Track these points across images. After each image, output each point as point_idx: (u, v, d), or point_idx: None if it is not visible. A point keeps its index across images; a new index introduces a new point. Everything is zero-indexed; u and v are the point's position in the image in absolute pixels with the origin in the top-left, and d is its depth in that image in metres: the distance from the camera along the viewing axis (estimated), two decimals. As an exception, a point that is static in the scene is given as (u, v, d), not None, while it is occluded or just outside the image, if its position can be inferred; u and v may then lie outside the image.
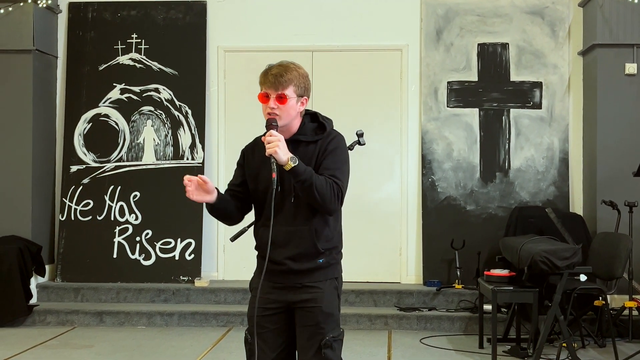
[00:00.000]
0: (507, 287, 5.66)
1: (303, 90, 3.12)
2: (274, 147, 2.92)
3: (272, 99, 3.06)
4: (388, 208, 7.65)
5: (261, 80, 3.11)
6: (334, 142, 3.14)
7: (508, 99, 7.55)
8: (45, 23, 7.57)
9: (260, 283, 3.08)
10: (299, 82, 3.10)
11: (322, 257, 3.12)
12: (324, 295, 3.11)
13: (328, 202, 3.01)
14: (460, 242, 7.28)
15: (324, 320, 3.09)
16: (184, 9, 7.78)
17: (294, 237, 3.06)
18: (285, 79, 3.06)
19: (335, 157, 3.11)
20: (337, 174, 3.07)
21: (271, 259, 3.05)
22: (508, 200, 7.47)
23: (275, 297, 3.13)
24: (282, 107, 3.06)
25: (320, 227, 3.10)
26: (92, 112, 7.74)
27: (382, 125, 7.67)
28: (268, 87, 3.07)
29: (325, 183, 3.00)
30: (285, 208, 3.09)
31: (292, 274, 3.09)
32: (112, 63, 7.78)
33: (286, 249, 3.08)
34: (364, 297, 7.18)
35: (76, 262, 7.53)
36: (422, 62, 7.64)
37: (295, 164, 2.95)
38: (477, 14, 7.60)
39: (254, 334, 3.09)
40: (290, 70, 3.09)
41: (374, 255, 7.60)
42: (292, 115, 3.10)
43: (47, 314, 7.01)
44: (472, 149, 7.55)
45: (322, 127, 3.18)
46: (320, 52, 7.74)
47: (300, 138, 3.11)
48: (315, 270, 3.11)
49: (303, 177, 2.96)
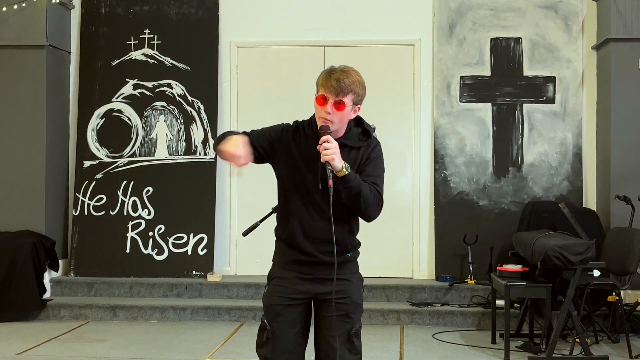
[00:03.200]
0: (520, 283, 5.64)
1: (359, 99, 3.18)
2: (332, 154, 2.95)
3: (330, 104, 3.06)
4: (400, 203, 7.63)
5: (321, 81, 3.11)
6: (377, 150, 3.20)
7: (521, 94, 7.51)
8: (58, 18, 7.59)
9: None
10: (358, 90, 3.15)
11: (350, 252, 3.21)
12: (353, 287, 3.20)
13: (371, 210, 3.08)
14: (473, 237, 7.25)
15: (353, 311, 3.17)
16: (196, 4, 7.78)
17: (326, 233, 3.05)
18: (347, 86, 3.09)
19: (377, 165, 3.17)
20: (378, 182, 3.13)
21: (303, 250, 3.11)
22: (521, 195, 7.44)
23: (303, 287, 3.14)
24: (337, 113, 3.07)
25: (351, 227, 3.19)
26: (105, 108, 7.77)
27: (395, 120, 7.65)
28: (328, 90, 3.07)
29: (370, 191, 3.06)
30: (321, 205, 3.09)
31: (322, 266, 3.11)
32: (124, 58, 7.80)
33: (320, 245, 3.10)
34: (376, 292, 7.18)
35: (89, 256, 7.57)
36: (434, 57, 7.62)
37: (349, 172, 2.99)
38: (490, 8, 7.57)
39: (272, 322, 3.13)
40: (352, 78, 3.12)
41: (387, 251, 7.59)
42: (344, 122, 3.13)
43: (60, 308, 7.05)
44: (485, 143, 7.52)
45: (366, 133, 3.22)
46: (333, 47, 7.72)
47: (346, 142, 3.12)
48: (344, 263, 3.16)
49: (352, 184, 3.01)
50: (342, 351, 3.13)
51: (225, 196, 7.75)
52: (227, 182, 7.75)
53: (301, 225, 3.12)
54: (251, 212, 6.29)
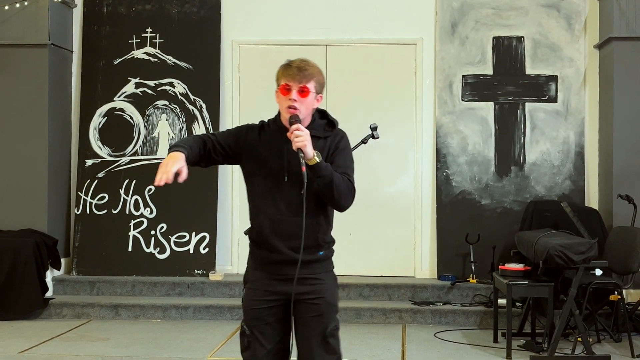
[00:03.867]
0: (522, 282, 5.64)
1: (320, 88, 3.14)
2: (304, 140, 2.94)
3: (294, 91, 3.05)
4: (402, 202, 7.63)
5: (281, 73, 3.10)
6: (344, 141, 3.19)
7: (523, 93, 7.51)
8: (60, 17, 7.60)
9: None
10: (319, 78, 3.12)
11: (323, 250, 3.14)
12: (326, 287, 3.15)
13: (344, 199, 3.05)
14: (475, 236, 7.25)
15: (327, 311, 3.13)
16: (199, 3, 7.78)
17: (299, 229, 3.01)
18: (309, 72, 3.07)
19: (346, 156, 3.16)
20: (348, 171, 3.10)
21: (272, 248, 3.07)
22: (523, 195, 7.44)
23: (276, 289, 3.10)
24: (302, 100, 3.06)
25: (324, 221, 3.13)
26: (107, 106, 7.77)
27: (397, 119, 7.65)
28: (290, 79, 3.06)
29: (342, 180, 3.03)
30: (293, 199, 3.06)
31: (294, 264, 3.03)
32: (127, 57, 7.80)
33: (290, 240, 3.06)
34: (378, 291, 7.18)
35: (91, 255, 7.57)
36: (436, 56, 7.61)
37: (320, 160, 2.97)
38: (493, 7, 7.56)
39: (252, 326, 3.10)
40: (312, 65, 3.12)
41: (388, 250, 7.59)
42: (309, 110, 3.11)
43: (63, 306, 7.06)
44: (487, 142, 7.52)
45: (331, 124, 3.21)
46: (335, 46, 7.72)
47: (312, 132, 3.07)
48: (315, 262, 3.11)
49: (325, 173, 2.98)
50: (318, 352, 3.09)
51: (227, 195, 7.75)
52: (229, 180, 7.75)
53: (270, 222, 3.08)
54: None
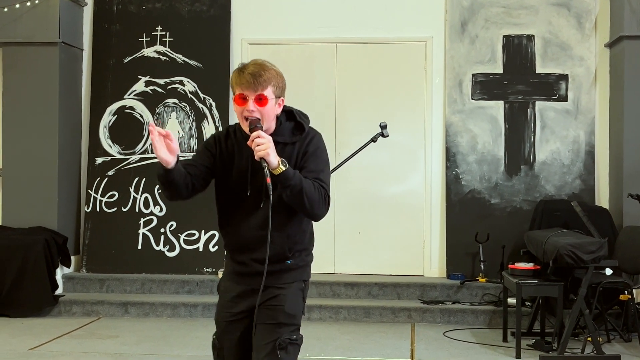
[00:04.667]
0: (531, 281, 5.63)
1: (280, 91, 2.91)
2: (266, 149, 2.71)
3: (251, 101, 2.82)
4: (411, 201, 7.62)
5: (235, 80, 2.87)
6: (314, 143, 2.93)
7: (533, 92, 7.49)
8: (71, 16, 7.62)
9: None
10: (277, 81, 2.88)
11: (291, 259, 2.96)
12: (287, 297, 2.93)
13: (316, 208, 2.82)
14: (485, 235, 7.24)
15: (284, 320, 2.91)
16: (209, 1, 7.79)
17: (264, 243, 2.81)
18: (264, 78, 2.83)
19: (317, 159, 2.91)
20: (321, 176, 2.88)
21: (239, 260, 2.96)
22: (533, 194, 7.42)
23: (244, 301, 2.96)
24: (261, 109, 2.83)
25: (293, 232, 2.93)
26: (117, 105, 7.79)
27: (406, 118, 7.64)
28: (245, 87, 2.83)
29: (314, 188, 2.80)
30: (258, 212, 2.89)
31: (257, 276, 2.88)
32: (137, 55, 7.82)
33: (254, 253, 2.91)
34: (387, 290, 7.18)
35: (101, 253, 7.60)
36: (446, 54, 7.60)
37: (286, 168, 2.74)
38: (503, 5, 7.54)
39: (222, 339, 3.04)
40: (267, 69, 2.86)
41: (398, 248, 7.59)
42: (271, 118, 2.88)
43: (72, 304, 7.09)
44: (496, 141, 7.50)
45: (299, 127, 2.96)
46: (344, 45, 7.72)
47: (277, 139, 2.86)
48: (283, 272, 2.94)
49: (293, 182, 2.75)
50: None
51: (236, 193, 7.74)
52: (238, 179, 7.75)
53: (237, 235, 2.94)
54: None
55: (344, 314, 6.88)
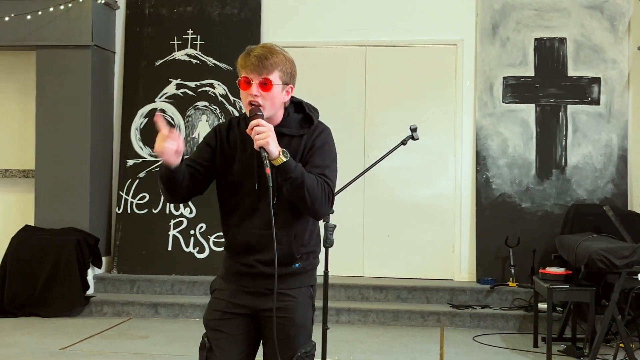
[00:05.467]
0: (563, 286, 5.57)
1: (289, 77, 2.75)
2: (266, 137, 2.54)
3: (255, 85, 2.66)
4: (441, 204, 7.59)
5: (241, 63, 2.71)
6: (322, 137, 2.77)
7: (565, 95, 7.42)
8: (103, 19, 7.70)
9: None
10: (285, 67, 2.72)
11: (299, 262, 2.78)
12: (297, 305, 2.76)
13: (318, 205, 2.65)
14: (515, 239, 7.18)
15: (295, 333, 2.74)
16: (239, 4, 7.83)
17: (270, 242, 2.61)
18: (271, 62, 2.67)
19: (324, 154, 2.74)
20: (327, 172, 2.70)
21: (242, 261, 2.77)
22: (564, 198, 7.35)
23: (241, 301, 2.78)
24: (265, 94, 2.66)
25: (300, 232, 2.76)
26: (148, 107, 7.86)
27: (436, 121, 7.61)
28: (250, 71, 2.67)
29: (316, 183, 2.63)
30: (262, 209, 2.71)
31: (263, 278, 2.73)
32: (168, 58, 7.88)
33: (259, 254, 2.73)
34: (416, 294, 7.15)
35: (132, 254, 7.66)
36: (477, 57, 7.56)
37: (287, 159, 2.57)
38: (535, 8, 7.49)
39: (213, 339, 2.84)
40: (275, 52, 2.71)
41: (427, 252, 7.55)
42: (277, 106, 2.71)
43: (103, 304, 7.15)
44: (527, 145, 7.44)
45: (308, 119, 2.79)
46: (374, 47, 7.71)
47: (283, 131, 2.71)
48: (289, 276, 2.75)
49: (294, 175, 2.58)
50: None
51: (266, 196, 7.77)
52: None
53: (241, 234, 2.75)
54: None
55: (372, 317, 6.87)
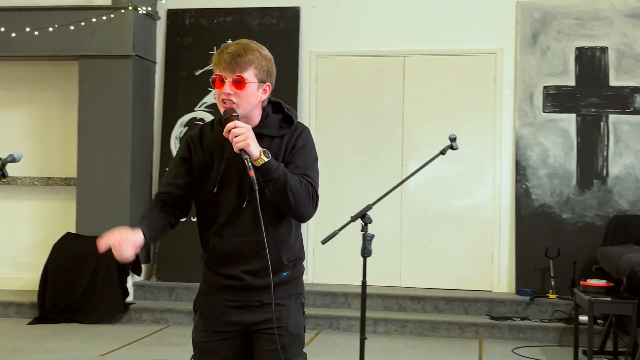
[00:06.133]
0: (604, 298, 5.48)
1: (266, 75, 2.65)
2: (245, 139, 2.45)
3: (228, 83, 2.56)
4: (480, 214, 7.53)
5: (215, 61, 2.62)
6: (303, 137, 2.68)
7: (607, 104, 7.32)
8: (144, 29, 7.80)
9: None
10: (261, 64, 2.63)
11: (286, 270, 2.69)
12: (289, 314, 2.69)
13: (303, 206, 2.55)
14: (555, 250, 7.09)
15: (290, 343, 2.66)
16: (278, 14, 7.88)
17: (253, 249, 2.56)
18: (245, 59, 2.57)
19: (306, 155, 2.65)
20: (310, 173, 2.61)
21: (225, 273, 2.63)
22: (606, 209, 7.24)
23: (230, 317, 2.64)
24: (239, 92, 2.57)
25: (285, 236, 2.65)
26: (188, 116, 7.93)
27: (475, 130, 7.55)
28: (223, 68, 2.58)
29: (300, 184, 2.53)
30: (244, 215, 2.59)
31: (251, 291, 2.62)
32: (207, 68, 7.94)
33: (244, 263, 2.61)
34: (454, 305, 7.09)
35: (171, 262, 7.72)
36: (517, 67, 7.49)
37: (269, 159, 2.48)
38: (575, 17, 7.41)
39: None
40: (250, 49, 2.60)
41: (465, 263, 7.49)
42: (252, 104, 2.62)
43: (142, 311, 7.22)
44: (568, 155, 7.35)
45: (287, 120, 2.71)
46: (413, 57, 7.70)
47: (263, 132, 2.62)
48: (278, 285, 2.62)
49: (276, 175, 2.48)
50: None
51: (303, 205, 7.77)
52: (305, 190, 7.78)
53: (223, 244, 2.61)
54: (329, 220, 6.30)
55: (410, 327, 6.83)
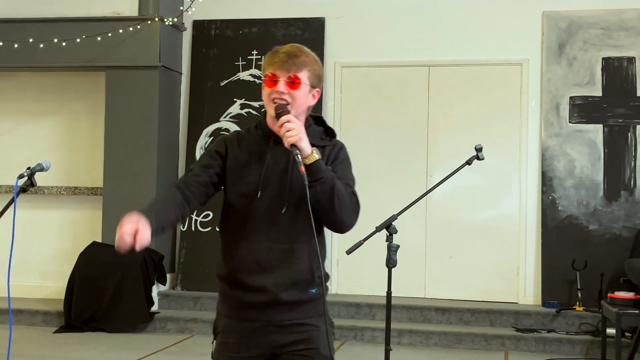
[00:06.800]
0: (632, 311, 5.43)
1: (317, 80, 2.54)
2: (298, 133, 2.33)
3: (282, 82, 2.44)
4: (506, 225, 7.47)
5: (268, 60, 2.50)
6: (344, 152, 2.59)
7: (634, 115, 7.25)
8: (171, 40, 7.87)
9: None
10: (314, 68, 2.53)
11: (315, 287, 2.49)
12: (320, 335, 2.46)
13: (346, 213, 2.43)
14: (582, 262, 7.02)
15: None
16: (303, 25, 7.91)
17: (286, 259, 2.42)
18: (301, 60, 2.47)
19: (347, 169, 2.55)
20: (352, 185, 2.50)
21: (251, 285, 2.44)
22: (634, 220, 7.16)
23: (257, 340, 2.47)
24: (292, 92, 2.44)
25: (319, 248, 2.42)
26: (213, 127, 7.97)
27: (501, 141, 7.51)
28: (277, 67, 2.45)
29: (345, 189, 2.42)
30: (278, 220, 2.43)
31: (279, 307, 2.44)
32: (233, 79, 7.99)
33: (273, 274, 2.43)
34: (479, 317, 7.04)
35: (195, 271, 7.75)
36: (543, 77, 7.45)
37: (319, 157, 2.35)
38: (602, 27, 7.35)
39: None
40: (305, 52, 2.52)
41: (491, 274, 7.44)
42: (302, 107, 2.50)
43: (167, 321, 7.25)
44: (595, 166, 7.29)
45: (329, 133, 2.63)
46: (437, 67, 7.68)
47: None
48: (306, 302, 2.47)
49: (325, 175, 2.35)
50: None
51: (328, 215, 7.77)
52: (330, 201, 7.78)
53: (254, 254, 2.43)
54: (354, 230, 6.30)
55: (435, 339, 6.79)
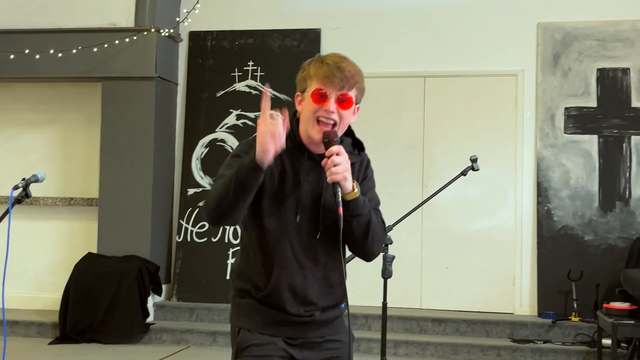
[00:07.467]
0: (628, 321, 5.43)
1: (362, 96, 2.42)
2: (344, 171, 2.21)
3: (332, 101, 2.27)
4: (501, 236, 7.48)
5: (315, 72, 2.30)
6: (371, 170, 2.52)
7: (629, 126, 7.27)
8: (167, 51, 7.88)
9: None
10: (361, 83, 2.37)
11: (343, 302, 2.49)
12: (347, 350, 2.47)
13: (376, 246, 2.37)
14: (578, 273, 7.02)
15: None
16: (299, 36, 7.93)
17: (321, 285, 2.40)
18: (355, 77, 2.31)
19: (374, 188, 2.49)
20: (379, 208, 2.45)
21: (290, 311, 2.39)
22: (629, 231, 7.17)
23: (293, 356, 2.43)
24: (342, 112, 2.30)
25: (342, 268, 2.41)
26: (209, 137, 7.98)
27: (496, 152, 7.53)
28: (328, 82, 2.27)
29: (377, 221, 2.36)
30: (312, 245, 2.38)
31: (315, 326, 2.44)
32: (229, 90, 8.01)
33: (310, 298, 2.41)
34: (475, 327, 7.04)
35: (191, 282, 7.74)
36: (538, 88, 7.48)
37: (359, 194, 2.27)
38: (597, 38, 7.39)
39: None
40: (355, 66, 2.35)
41: (486, 285, 7.44)
42: (345, 127, 2.39)
43: (162, 332, 7.22)
44: (590, 176, 7.30)
45: (357, 145, 2.52)
46: (433, 78, 7.70)
47: None
48: (335, 319, 2.49)
49: (364, 211, 2.29)
50: None
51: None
52: (326, 211, 7.78)
53: (289, 280, 2.37)
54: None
55: (431, 350, 6.78)
